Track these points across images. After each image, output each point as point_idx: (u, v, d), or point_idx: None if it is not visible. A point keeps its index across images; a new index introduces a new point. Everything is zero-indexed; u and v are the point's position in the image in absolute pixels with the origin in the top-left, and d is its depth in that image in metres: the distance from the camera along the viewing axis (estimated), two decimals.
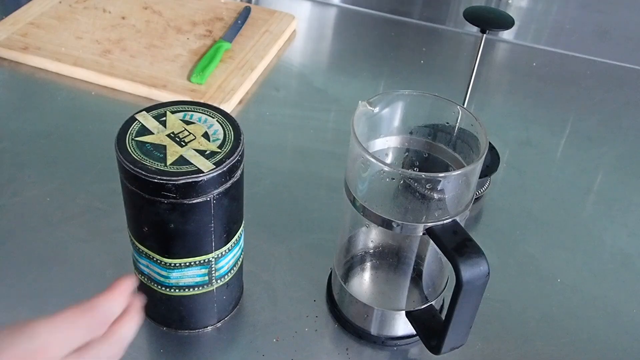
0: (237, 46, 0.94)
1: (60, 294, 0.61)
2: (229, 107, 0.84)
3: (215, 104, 0.83)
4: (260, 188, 0.74)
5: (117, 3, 1.01)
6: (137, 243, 0.53)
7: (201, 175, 0.48)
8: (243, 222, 0.57)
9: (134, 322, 0.43)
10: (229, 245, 0.55)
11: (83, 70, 0.88)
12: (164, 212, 0.49)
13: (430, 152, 0.58)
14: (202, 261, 0.53)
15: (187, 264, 0.53)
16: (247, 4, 1.04)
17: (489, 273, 0.49)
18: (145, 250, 0.53)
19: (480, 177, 0.62)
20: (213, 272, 0.55)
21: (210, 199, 0.49)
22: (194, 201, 0.49)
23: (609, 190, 0.79)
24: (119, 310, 0.42)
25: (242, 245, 0.58)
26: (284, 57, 0.97)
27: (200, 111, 0.54)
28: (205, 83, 0.86)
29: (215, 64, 0.89)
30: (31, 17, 0.96)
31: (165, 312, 0.58)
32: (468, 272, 0.48)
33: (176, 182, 0.48)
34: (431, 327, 0.57)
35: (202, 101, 0.83)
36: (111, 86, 0.87)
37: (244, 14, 1.00)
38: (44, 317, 0.39)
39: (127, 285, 0.43)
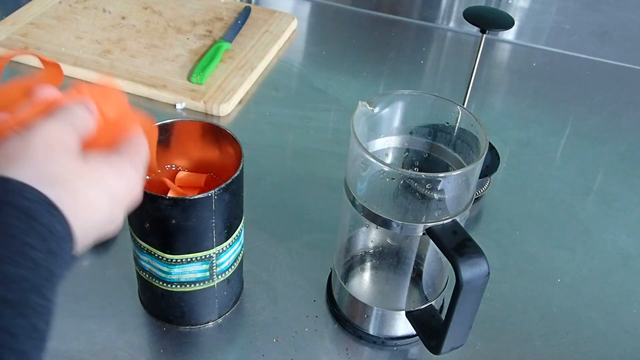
0: (237, 46, 0.94)
1: (60, 293, 0.61)
2: (229, 107, 0.84)
3: (215, 104, 0.83)
4: (260, 188, 0.74)
5: (117, 3, 1.01)
6: (138, 240, 0.53)
7: None
8: (243, 217, 0.57)
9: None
10: (229, 240, 0.55)
11: (83, 70, 0.88)
12: (165, 209, 0.49)
13: (430, 152, 0.58)
14: (203, 257, 0.54)
15: (189, 259, 0.53)
16: (247, 4, 1.04)
17: (489, 273, 0.49)
18: (147, 246, 0.53)
19: (480, 177, 0.62)
20: (214, 267, 0.55)
21: (212, 195, 0.49)
22: (195, 197, 0.49)
23: (609, 190, 0.79)
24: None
25: (243, 241, 0.59)
26: (284, 57, 0.97)
27: None
28: (205, 83, 0.86)
29: (215, 64, 0.89)
30: (31, 17, 0.96)
31: (167, 308, 0.58)
32: (468, 272, 0.48)
33: None
34: (431, 327, 0.57)
35: (202, 101, 0.83)
36: None
37: (244, 14, 1.00)
38: None
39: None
